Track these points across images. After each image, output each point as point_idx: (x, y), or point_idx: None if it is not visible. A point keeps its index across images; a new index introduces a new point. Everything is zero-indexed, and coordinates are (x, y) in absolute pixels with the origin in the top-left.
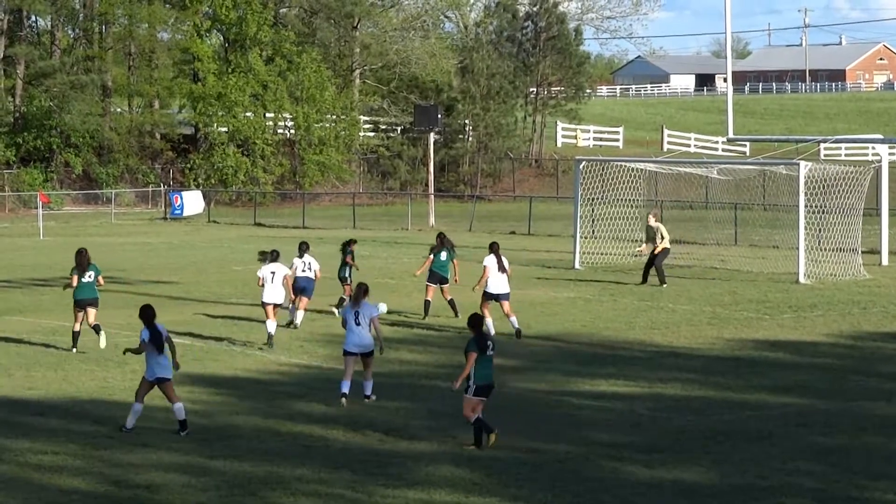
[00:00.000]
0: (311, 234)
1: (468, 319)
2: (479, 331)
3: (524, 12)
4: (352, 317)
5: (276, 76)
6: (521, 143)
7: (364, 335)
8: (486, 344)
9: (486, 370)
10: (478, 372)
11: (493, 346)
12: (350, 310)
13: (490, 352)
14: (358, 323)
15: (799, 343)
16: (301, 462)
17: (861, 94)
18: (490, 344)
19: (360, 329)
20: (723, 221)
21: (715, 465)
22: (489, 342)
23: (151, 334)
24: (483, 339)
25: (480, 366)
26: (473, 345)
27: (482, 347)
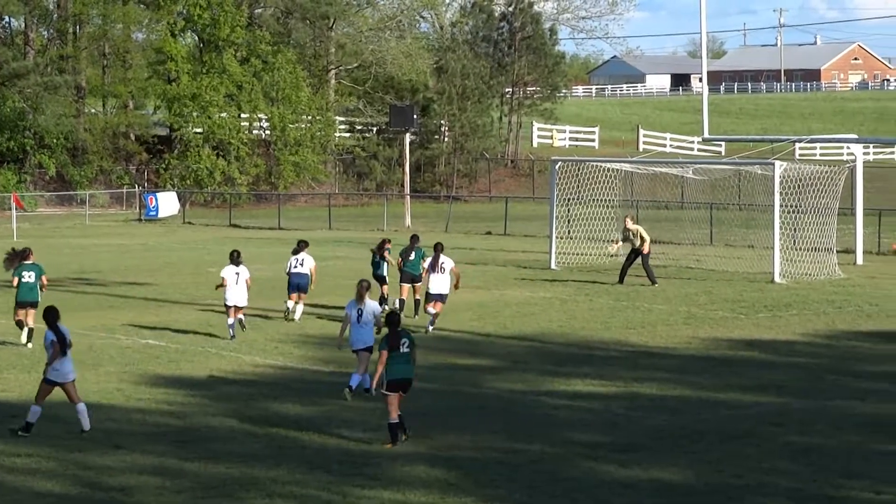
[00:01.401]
0: (286, 235)
1: (385, 317)
2: (394, 329)
3: (500, 12)
4: (355, 314)
5: (251, 76)
6: (497, 144)
7: (368, 332)
8: (398, 342)
9: (400, 366)
10: (390, 368)
11: (408, 344)
12: (353, 307)
13: (405, 349)
14: (361, 319)
15: (774, 342)
16: (276, 463)
17: (836, 94)
18: (405, 341)
19: (363, 326)
20: (698, 221)
21: (691, 465)
22: (404, 339)
23: (57, 336)
24: (396, 337)
25: (394, 362)
26: (384, 343)
27: (393, 345)
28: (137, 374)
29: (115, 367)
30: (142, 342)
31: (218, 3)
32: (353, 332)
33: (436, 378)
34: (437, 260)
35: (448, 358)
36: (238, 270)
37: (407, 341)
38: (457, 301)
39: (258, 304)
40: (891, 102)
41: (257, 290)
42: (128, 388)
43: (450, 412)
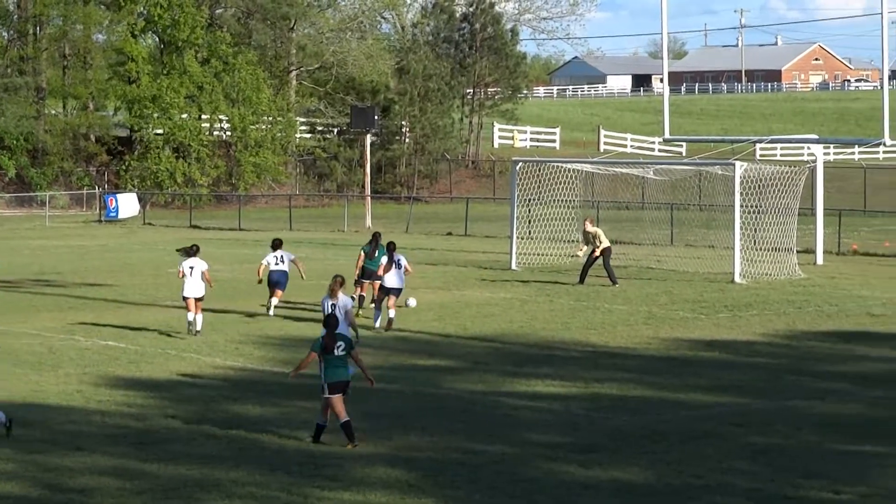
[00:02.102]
0: (247, 236)
1: (324, 319)
2: (330, 331)
3: (461, 13)
4: (329, 309)
5: (212, 77)
6: (458, 145)
7: (340, 327)
8: (333, 344)
9: (336, 369)
10: (327, 371)
11: (343, 347)
12: (327, 301)
13: (339, 352)
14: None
15: (735, 342)
16: (236, 464)
17: (797, 95)
18: (340, 344)
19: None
20: (659, 222)
21: (651, 465)
22: (339, 343)
23: None
24: (331, 339)
25: (330, 365)
26: (318, 344)
27: (326, 347)
28: (97, 375)
29: (75, 368)
30: (102, 343)
31: (178, 3)
32: None
33: (396, 379)
34: (391, 257)
35: (408, 359)
36: (193, 263)
37: (343, 344)
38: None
39: (219, 304)
40: (851, 103)
41: (218, 290)
42: (88, 389)
43: (410, 413)
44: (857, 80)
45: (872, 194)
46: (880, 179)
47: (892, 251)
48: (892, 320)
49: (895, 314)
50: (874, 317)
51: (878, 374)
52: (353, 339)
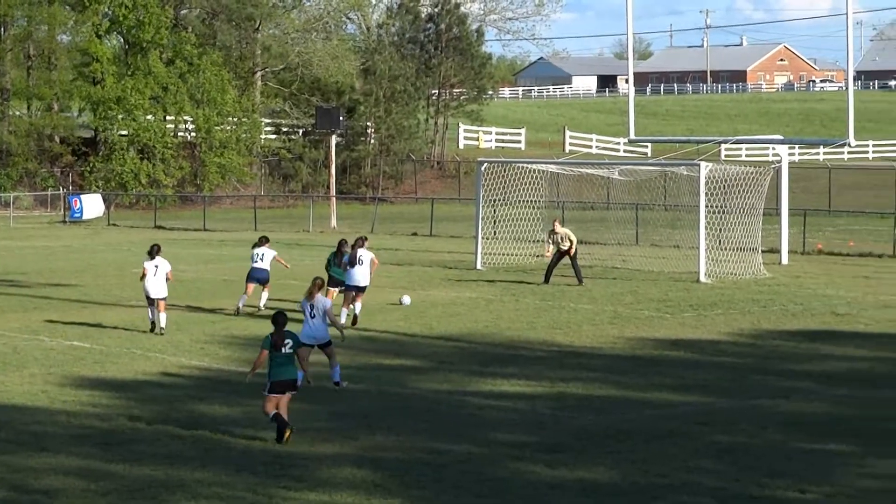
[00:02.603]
0: (212, 236)
1: (272, 317)
2: (279, 329)
3: (426, 14)
4: (308, 310)
5: (177, 78)
6: (424, 145)
7: (318, 328)
8: (282, 342)
9: (282, 367)
10: (272, 370)
11: (291, 345)
12: (306, 303)
13: (287, 349)
14: (313, 316)
15: (700, 342)
16: (202, 465)
17: (762, 95)
18: (288, 342)
19: (314, 322)
20: (624, 222)
21: (617, 464)
22: (287, 340)
23: None
24: (280, 336)
25: (276, 363)
26: (267, 342)
27: (275, 345)
28: (62, 375)
29: (40, 368)
30: (66, 344)
31: (143, 4)
32: (303, 327)
33: (362, 378)
34: (355, 254)
35: (374, 358)
36: (157, 263)
37: (290, 342)
38: (382, 301)
39: (184, 304)
40: (816, 104)
41: (183, 291)
42: (52, 390)
43: (376, 413)
44: (822, 81)
45: (837, 194)
46: (845, 179)
47: (857, 251)
48: (856, 319)
49: (860, 313)
50: (839, 316)
51: (843, 372)
52: (339, 339)
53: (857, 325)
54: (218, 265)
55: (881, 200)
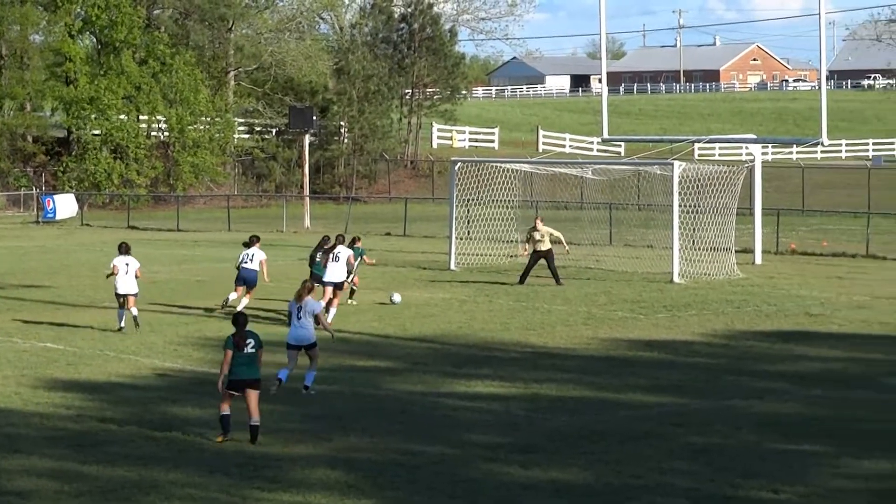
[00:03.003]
0: (185, 237)
1: (232, 317)
2: (240, 329)
3: (399, 13)
4: (295, 312)
5: (150, 78)
6: (397, 145)
7: (305, 330)
8: (243, 342)
9: (241, 367)
10: (233, 368)
11: (253, 345)
12: (294, 305)
13: (249, 349)
14: (300, 318)
15: (674, 342)
16: (175, 466)
17: (735, 95)
18: (250, 342)
19: (301, 323)
20: (598, 221)
21: (591, 465)
22: (249, 340)
23: None
24: (241, 337)
25: (237, 363)
26: (229, 342)
27: (237, 345)
28: (35, 377)
29: (13, 370)
30: (40, 345)
31: (116, 4)
32: (291, 329)
33: (335, 380)
34: (332, 250)
35: (347, 360)
36: (128, 261)
37: (252, 342)
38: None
39: (157, 306)
40: (789, 103)
41: (156, 291)
42: (26, 391)
43: (349, 414)
44: (795, 81)
45: (810, 194)
46: (818, 179)
47: (831, 250)
48: (830, 320)
49: (833, 314)
50: (812, 316)
51: (817, 373)
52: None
53: (831, 326)
54: (191, 265)
55: (854, 200)
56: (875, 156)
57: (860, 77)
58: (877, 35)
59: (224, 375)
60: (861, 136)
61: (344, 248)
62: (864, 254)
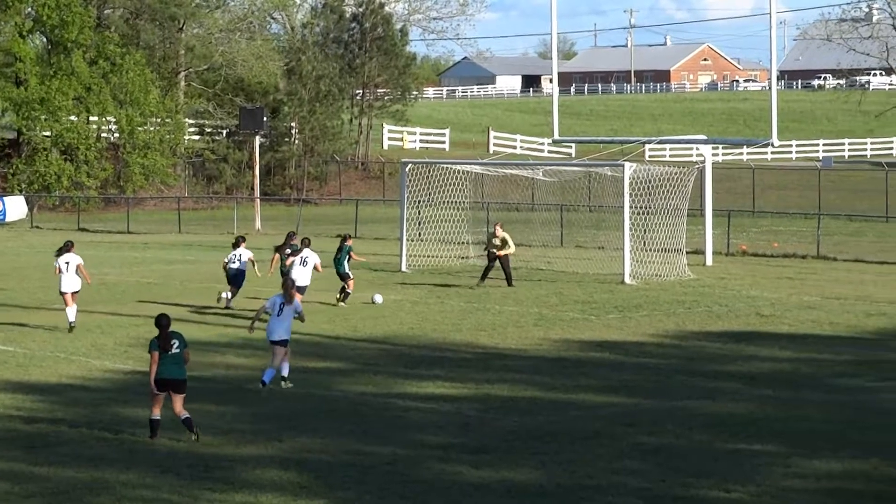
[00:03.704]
0: (136, 239)
1: (155, 319)
2: (164, 331)
3: (350, 13)
4: (277, 308)
5: (100, 78)
6: (348, 146)
7: (283, 325)
8: (168, 343)
9: (167, 367)
10: (160, 368)
11: (178, 345)
12: (278, 300)
13: (175, 349)
14: (279, 313)
15: (625, 343)
16: (126, 467)
17: (686, 95)
18: (175, 343)
19: (280, 319)
20: (549, 223)
21: (542, 466)
22: (174, 341)
23: None
24: (165, 338)
25: (164, 363)
26: (153, 345)
27: (163, 347)
28: None
29: None
30: None
31: (66, 3)
32: (270, 324)
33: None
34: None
35: (299, 361)
36: (69, 259)
37: (177, 342)
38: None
39: (107, 307)
40: (739, 103)
41: (107, 293)
42: None
43: (301, 415)
44: (745, 81)
45: (761, 195)
46: (769, 180)
47: (781, 251)
48: (780, 320)
49: (784, 314)
50: (763, 317)
51: (767, 373)
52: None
53: (782, 327)
54: (142, 267)
55: (805, 201)
56: (825, 157)
57: (810, 77)
58: (827, 35)
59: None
60: (811, 136)
61: (312, 254)
62: (815, 255)
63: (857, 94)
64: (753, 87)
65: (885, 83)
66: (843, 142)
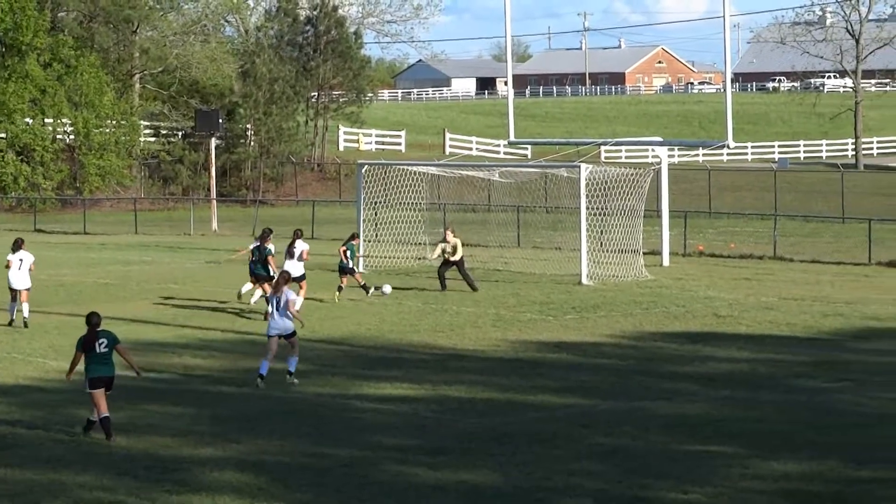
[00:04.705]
0: (92, 240)
1: (85, 317)
2: (92, 329)
3: (304, 16)
4: (274, 303)
5: (55, 81)
6: (303, 148)
7: (282, 320)
8: (94, 341)
9: (98, 365)
10: (89, 366)
11: (106, 344)
12: (272, 297)
13: (102, 348)
14: (279, 309)
15: (582, 344)
16: (83, 469)
17: (640, 98)
18: (103, 341)
19: (281, 313)
20: (505, 224)
21: (499, 467)
22: (101, 340)
23: None
24: (92, 337)
25: (93, 361)
26: (80, 343)
27: (88, 346)
28: None
29: None
30: None
31: (21, 6)
32: (271, 320)
33: (245, 382)
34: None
35: (257, 362)
36: (22, 256)
37: (105, 341)
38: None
39: (65, 308)
40: (694, 105)
41: (64, 294)
42: None
43: (258, 417)
44: (700, 83)
45: (717, 196)
46: (724, 181)
47: (738, 252)
48: (737, 321)
49: (741, 315)
50: (720, 318)
51: (725, 374)
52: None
53: (739, 327)
54: (99, 268)
55: (761, 202)
56: (781, 158)
57: (765, 80)
58: (781, 38)
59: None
60: (766, 138)
61: (301, 243)
62: (772, 255)
63: (812, 96)
64: (708, 89)
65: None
66: (799, 143)
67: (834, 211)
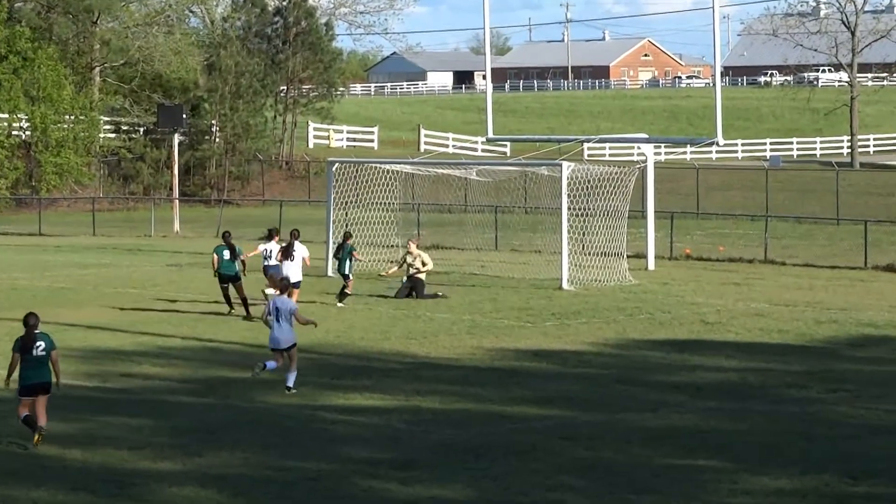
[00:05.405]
0: (48, 241)
1: (23, 318)
2: (30, 331)
3: (273, 7)
4: (275, 314)
5: (11, 74)
6: (271, 145)
7: (284, 331)
8: (32, 344)
9: (32, 370)
10: (23, 372)
11: (43, 347)
12: (273, 307)
13: (39, 352)
14: (279, 320)
15: (562, 352)
16: (37, 484)
17: (626, 92)
18: (40, 344)
19: (281, 325)
20: (483, 225)
21: (475, 481)
22: (39, 343)
23: None
24: (29, 339)
25: (29, 366)
26: (16, 345)
27: (25, 348)
28: None
29: None
30: None
31: None
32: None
33: (207, 392)
34: (290, 247)
35: (219, 370)
36: None
37: (42, 344)
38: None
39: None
40: (682, 101)
41: (17, 299)
42: None
43: (221, 428)
44: (688, 77)
45: (706, 196)
46: (714, 180)
47: (727, 255)
48: (726, 328)
49: (730, 321)
50: (708, 324)
51: (712, 384)
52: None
53: (728, 335)
54: (54, 272)
55: (752, 202)
56: (773, 156)
57: (756, 73)
58: (773, 30)
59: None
60: (758, 135)
61: (301, 246)
62: (763, 259)
63: (805, 91)
64: (697, 83)
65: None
66: (791, 141)
67: (828, 212)
